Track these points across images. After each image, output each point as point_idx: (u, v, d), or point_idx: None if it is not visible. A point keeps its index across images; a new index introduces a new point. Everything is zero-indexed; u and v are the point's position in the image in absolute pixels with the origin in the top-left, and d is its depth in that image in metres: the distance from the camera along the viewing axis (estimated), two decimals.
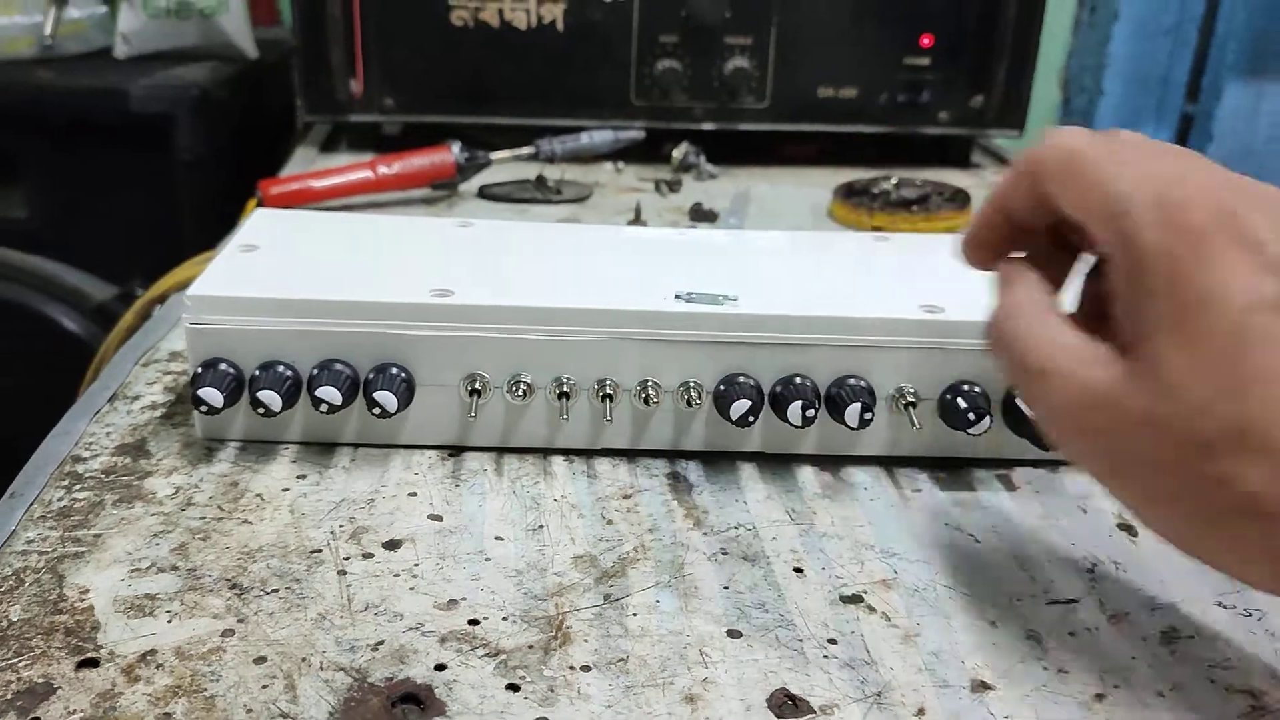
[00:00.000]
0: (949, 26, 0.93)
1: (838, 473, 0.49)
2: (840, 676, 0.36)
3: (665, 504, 0.46)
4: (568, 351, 0.47)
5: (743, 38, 0.91)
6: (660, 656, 0.37)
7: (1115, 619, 0.40)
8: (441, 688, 0.35)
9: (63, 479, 0.45)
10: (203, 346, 0.46)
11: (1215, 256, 0.29)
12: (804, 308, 0.48)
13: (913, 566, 0.43)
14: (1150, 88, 1.54)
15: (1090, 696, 0.36)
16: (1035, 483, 0.49)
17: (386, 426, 0.48)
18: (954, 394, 0.48)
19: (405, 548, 0.42)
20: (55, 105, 1.03)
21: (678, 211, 0.85)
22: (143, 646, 0.36)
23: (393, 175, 0.80)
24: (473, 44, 0.90)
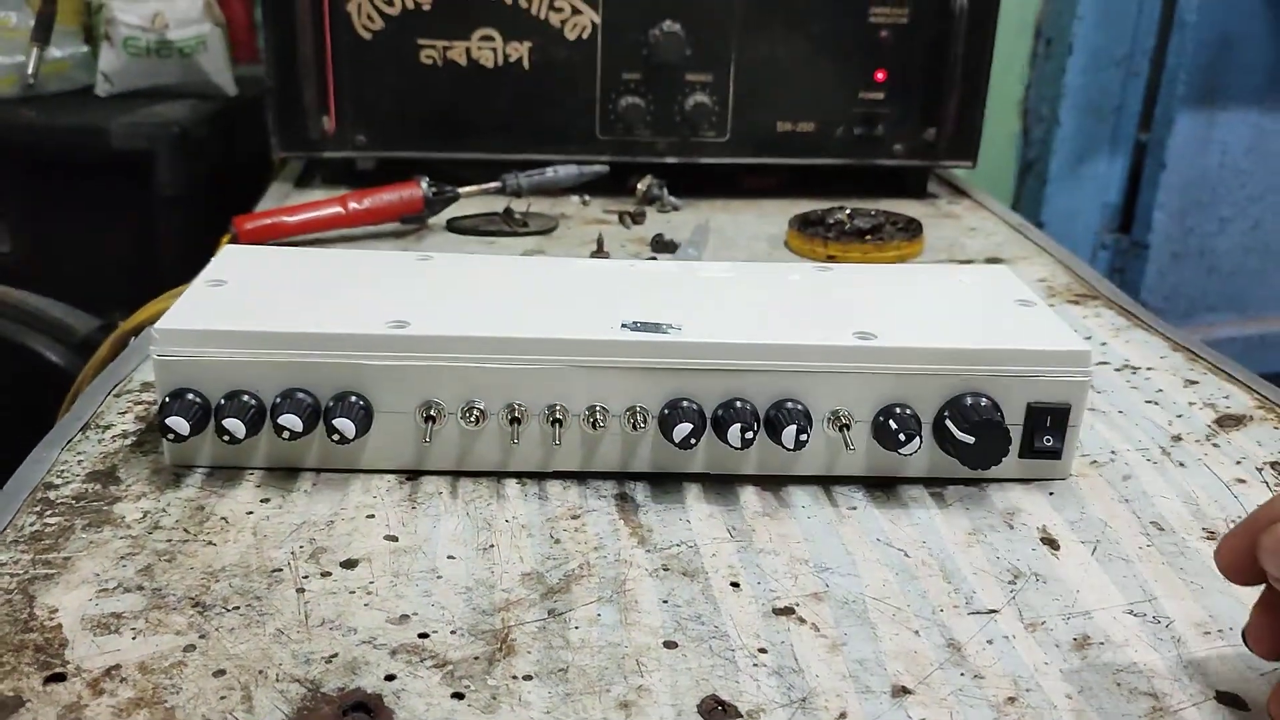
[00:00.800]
0: (902, 62, 0.96)
1: (778, 492, 0.51)
2: (768, 683, 0.39)
3: (612, 523, 0.48)
4: (519, 379, 0.49)
5: (703, 75, 0.94)
6: (598, 666, 0.39)
7: (1031, 627, 0.42)
8: (390, 697, 0.37)
9: (35, 505, 0.47)
10: (170, 377, 0.49)
11: None
12: (744, 335, 0.50)
13: (844, 580, 0.45)
14: (1105, 117, 1.58)
15: (1003, 699, 0.38)
16: (966, 500, 0.51)
17: (346, 452, 0.50)
18: (886, 416, 0.50)
19: (362, 566, 0.44)
20: (38, 142, 1.05)
21: (640, 243, 0.87)
22: (108, 662, 0.38)
23: (363, 210, 0.83)
24: (442, 82, 0.93)
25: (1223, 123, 1.59)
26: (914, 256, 0.85)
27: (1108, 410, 0.61)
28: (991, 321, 0.54)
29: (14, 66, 1.11)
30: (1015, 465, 0.52)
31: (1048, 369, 0.51)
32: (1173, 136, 1.57)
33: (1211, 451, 0.56)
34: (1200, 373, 0.66)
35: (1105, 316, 0.75)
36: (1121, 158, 1.62)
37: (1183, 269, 1.67)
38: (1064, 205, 1.62)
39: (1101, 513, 0.50)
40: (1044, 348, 0.51)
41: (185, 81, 1.16)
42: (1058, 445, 0.52)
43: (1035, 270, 0.85)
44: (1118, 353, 0.69)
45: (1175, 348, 0.70)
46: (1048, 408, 0.51)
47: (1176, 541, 0.48)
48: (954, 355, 0.50)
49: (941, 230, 0.95)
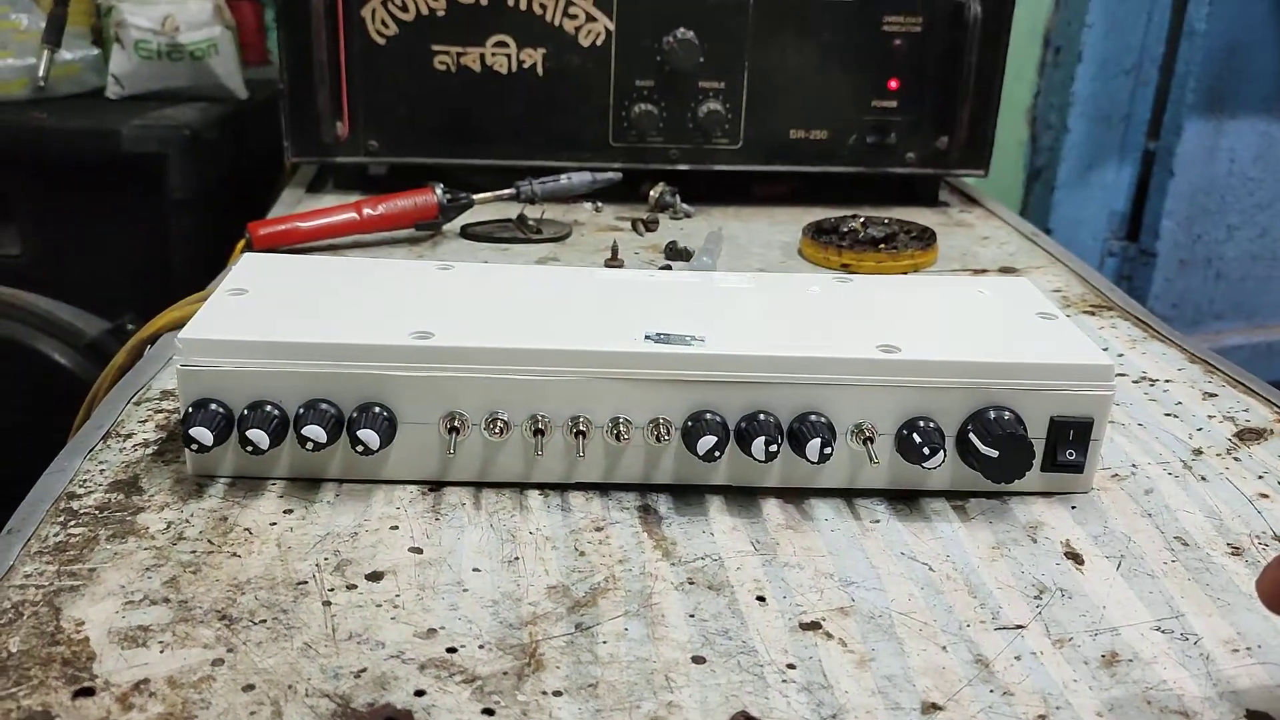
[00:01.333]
0: (915, 71, 0.96)
1: (801, 505, 0.51)
2: (798, 700, 0.39)
3: (635, 536, 0.48)
4: (543, 390, 0.49)
5: (716, 82, 0.94)
6: (628, 681, 0.39)
7: (1059, 643, 0.42)
8: (421, 713, 0.37)
9: (58, 515, 0.47)
10: (194, 387, 0.48)
11: None
12: (767, 348, 0.50)
13: (869, 594, 0.45)
14: (1113, 125, 1.58)
15: (1034, 717, 0.38)
16: (988, 513, 0.51)
17: (369, 463, 0.50)
18: (910, 429, 0.50)
19: (387, 579, 0.44)
20: (49, 145, 1.05)
21: (654, 249, 0.87)
22: (136, 676, 0.38)
23: (377, 216, 0.83)
24: (455, 88, 0.93)
25: (1231, 131, 1.59)
26: (928, 266, 0.85)
27: (1127, 423, 0.61)
28: (1014, 334, 0.54)
29: (25, 69, 1.11)
30: (1037, 479, 0.52)
31: (1071, 382, 0.51)
32: (1181, 144, 1.57)
33: (1233, 465, 0.56)
34: (1218, 385, 0.66)
35: (1121, 328, 0.75)
36: (1130, 165, 1.62)
37: (1190, 277, 1.67)
38: (1072, 213, 1.62)
39: (1125, 527, 0.50)
40: (1067, 361, 0.51)
41: (196, 84, 1.16)
42: (1080, 459, 0.52)
43: (1049, 280, 0.85)
44: (1135, 365, 0.69)
45: (1192, 359, 0.70)
46: (1070, 421, 0.51)
47: (1201, 557, 0.48)
48: (978, 369, 0.50)
49: (954, 239, 0.95)
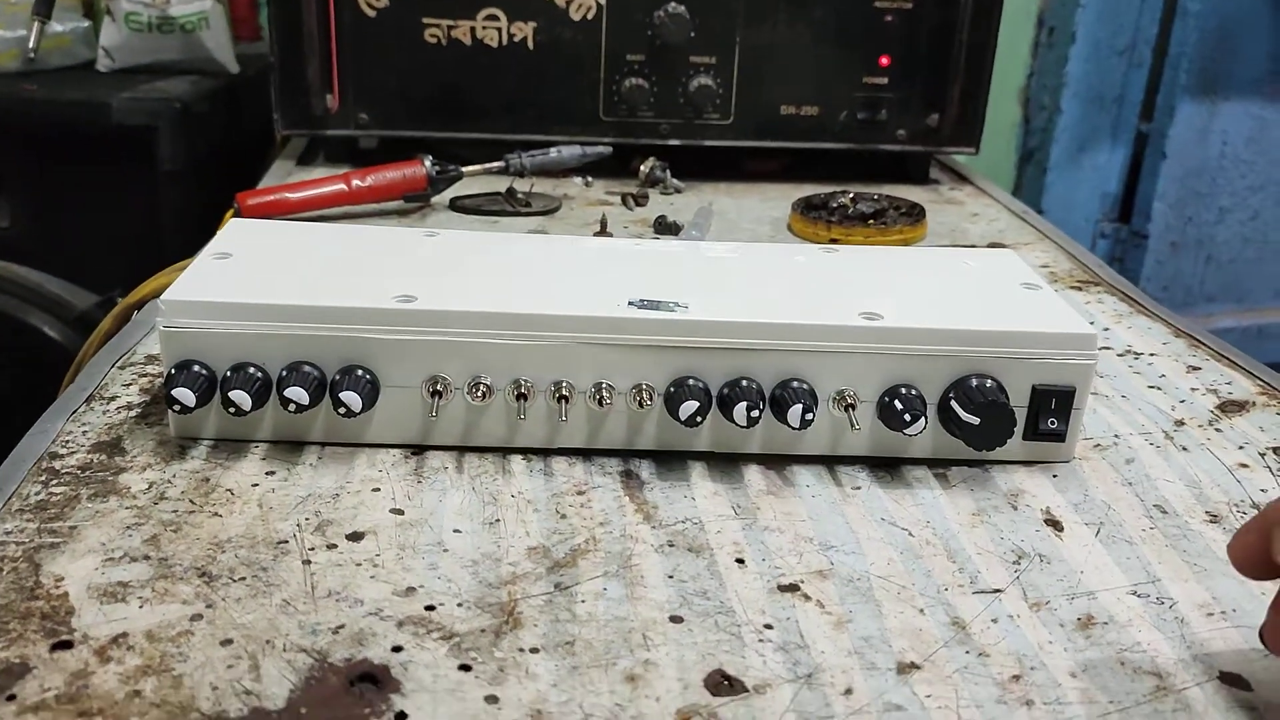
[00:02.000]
0: (906, 48, 0.96)
1: (782, 471, 0.51)
2: (774, 659, 0.39)
3: (617, 499, 0.48)
4: (526, 355, 0.49)
5: (707, 57, 0.94)
6: (605, 640, 0.39)
7: (1035, 607, 0.43)
8: (398, 668, 0.37)
9: (40, 474, 0.47)
10: (176, 348, 0.48)
11: None
12: (750, 314, 0.50)
13: (849, 558, 0.45)
14: (1106, 106, 1.58)
15: (1008, 677, 0.39)
16: (969, 481, 0.51)
17: (352, 426, 0.50)
18: (891, 396, 0.50)
19: (367, 539, 0.44)
20: (39, 117, 1.05)
21: (643, 224, 0.87)
22: (115, 630, 0.38)
23: (366, 188, 0.82)
24: (446, 61, 0.93)
25: (1224, 113, 1.59)
26: (917, 241, 0.86)
27: (1110, 395, 0.61)
28: (997, 304, 0.54)
29: (14, 41, 1.10)
30: (1019, 447, 0.52)
31: (1053, 351, 0.51)
32: (1174, 126, 1.57)
33: (1214, 436, 0.57)
34: (1202, 359, 0.66)
35: (1107, 303, 0.75)
36: (1122, 147, 1.62)
37: (1181, 259, 1.67)
38: (1063, 194, 1.62)
39: (1105, 495, 0.51)
40: (1050, 330, 0.51)
41: (187, 58, 1.15)
42: (1062, 428, 0.52)
43: (1037, 256, 0.85)
44: (1120, 338, 0.69)
45: (1177, 334, 0.70)
46: (1053, 390, 0.51)
47: (1180, 524, 0.48)
48: (960, 336, 0.50)
49: (943, 216, 0.95)
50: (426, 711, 0.35)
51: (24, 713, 0.34)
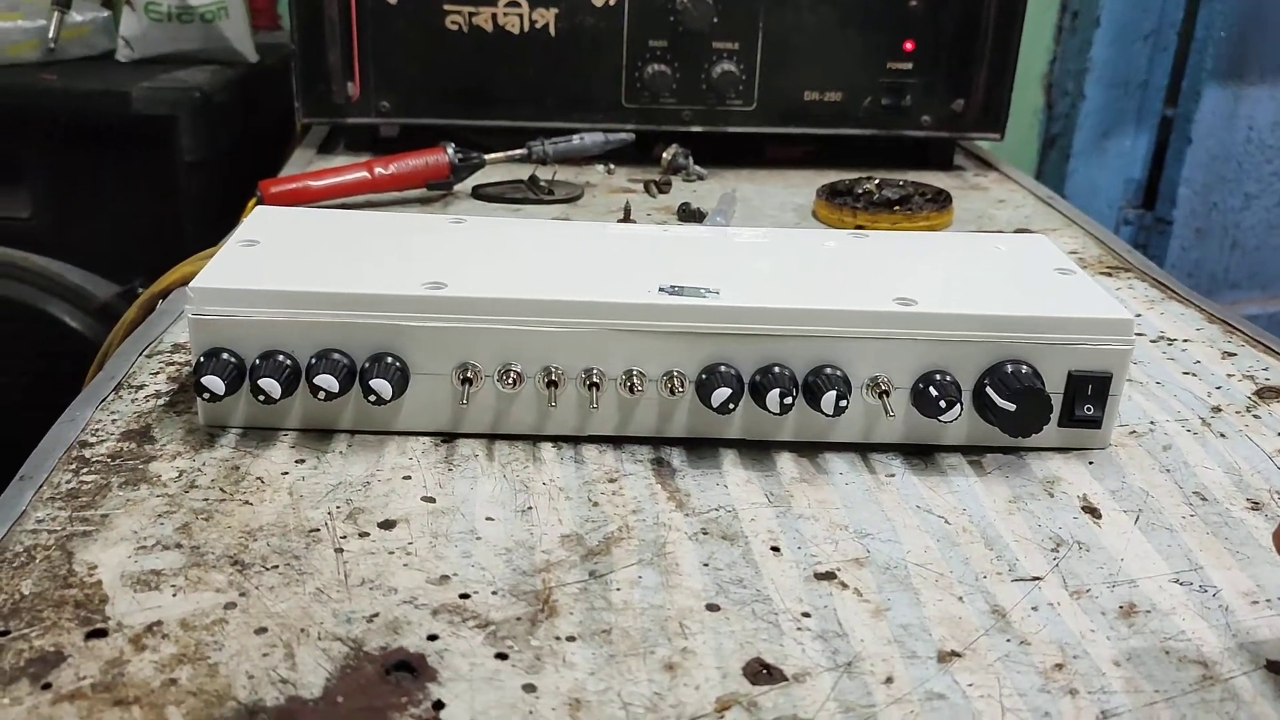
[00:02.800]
0: (930, 33, 0.95)
1: (815, 458, 0.51)
2: (813, 647, 0.38)
3: (649, 487, 0.48)
4: (557, 342, 0.49)
5: (730, 43, 0.93)
6: (641, 628, 0.39)
7: (1076, 595, 0.42)
8: (434, 656, 0.37)
9: (70, 463, 0.47)
10: (205, 336, 0.48)
11: None
12: (783, 300, 0.50)
13: (884, 546, 0.45)
14: (1130, 92, 1.56)
15: (1050, 666, 0.38)
16: (1005, 468, 0.51)
17: (382, 413, 0.50)
18: (926, 383, 0.50)
19: (400, 527, 0.44)
20: (59, 108, 1.05)
21: (666, 211, 0.87)
22: (149, 618, 0.38)
23: (389, 176, 0.82)
24: (467, 48, 0.92)
25: (1250, 98, 1.57)
26: (943, 227, 0.85)
27: (1145, 381, 0.60)
28: (1032, 289, 0.54)
29: (35, 31, 1.10)
30: (1054, 434, 0.52)
31: (1090, 337, 0.50)
32: (1199, 111, 1.55)
33: (1252, 423, 0.56)
34: (1238, 345, 0.65)
35: (1138, 289, 0.75)
36: (1146, 133, 1.60)
37: (1206, 245, 1.65)
38: (1087, 180, 1.60)
39: (1143, 482, 0.50)
40: (1086, 315, 0.51)
41: (206, 47, 1.15)
42: (1098, 414, 0.51)
43: (1065, 242, 0.84)
44: (1153, 324, 0.68)
45: (1211, 319, 0.69)
46: (1089, 376, 0.51)
47: (1220, 512, 0.48)
48: (995, 322, 0.50)
49: (969, 202, 0.94)
50: (464, 700, 0.35)
51: (60, 701, 0.34)
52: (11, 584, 0.39)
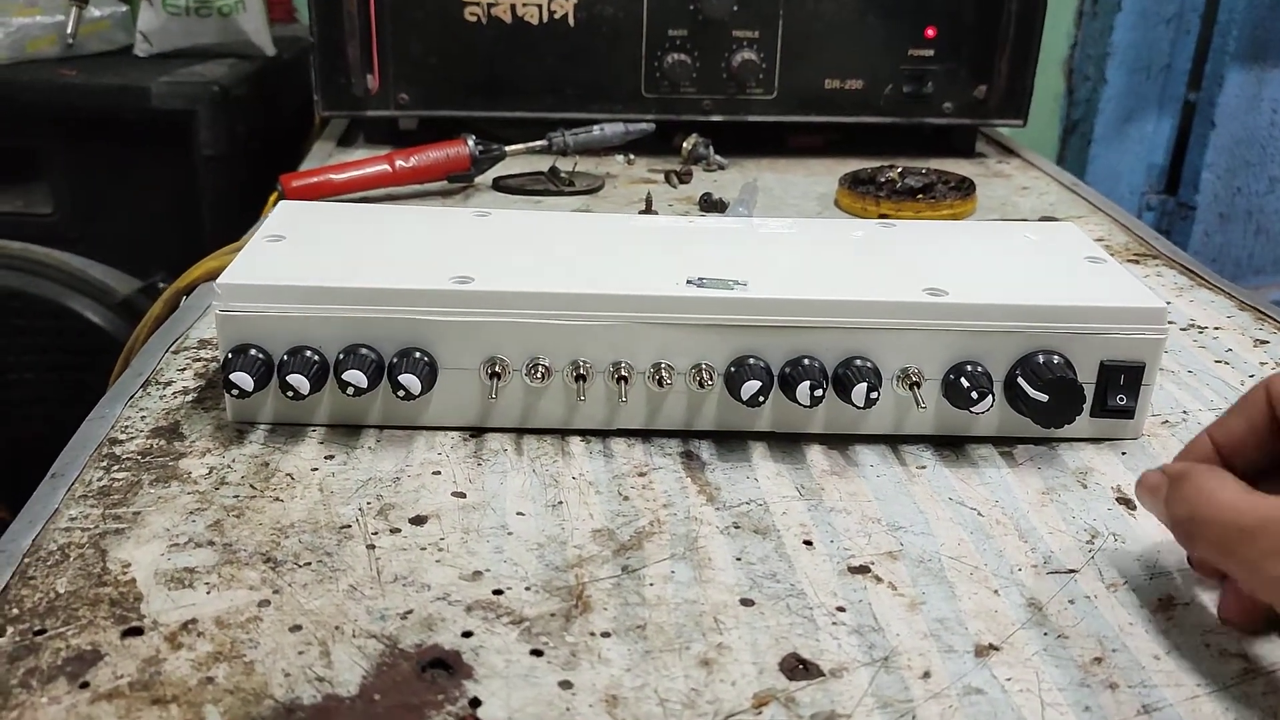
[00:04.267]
0: (952, 18, 0.94)
1: (845, 451, 0.51)
2: (849, 642, 0.38)
3: (679, 481, 0.48)
4: (584, 335, 0.49)
5: (750, 31, 0.93)
6: (676, 623, 0.39)
7: (1113, 587, 0.42)
8: (469, 653, 0.37)
9: (101, 460, 0.47)
10: (233, 332, 0.48)
11: None
12: (812, 292, 0.49)
13: (918, 539, 0.44)
14: (1153, 76, 1.55)
15: (1089, 660, 0.38)
16: (1037, 459, 0.50)
17: (410, 408, 0.50)
18: (957, 374, 0.49)
19: (431, 523, 0.44)
20: (78, 103, 1.05)
21: (688, 201, 0.86)
22: (184, 616, 0.38)
23: (410, 168, 0.82)
24: (486, 39, 0.92)
25: (1274, 80, 1.55)
26: (967, 215, 0.84)
27: (1176, 370, 0.60)
28: (1063, 278, 0.53)
29: (53, 26, 1.11)
30: (1087, 424, 0.51)
31: (1122, 326, 0.50)
32: (1222, 95, 1.53)
33: None
34: (1270, 332, 0.65)
35: (1167, 276, 0.74)
36: (1169, 117, 1.59)
37: (1230, 230, 1.64)
38: (1109, 166, 1.59)
39: None
40: (1118, 304, 0.50)
41: (224, 41, 1.15)
42: (1131, 404, 0.51)
43: (1091, 229, 0.83)
44: (1183, 312, 0.68)
45: (1242, 307, 0.68)
46: (1121, 366, 0.50)
47: None
48: (1027, 312, 0.49)
49: (992, 189, 0.93)
50: (501, 697, 0.35)
51: (98, 700, 0.34)
52: (47, 583, 0.39)
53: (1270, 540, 0.34)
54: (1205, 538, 0.37)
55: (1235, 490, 0.36)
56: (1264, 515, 0.35)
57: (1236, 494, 0.36)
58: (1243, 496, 0.36)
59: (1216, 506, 0.36)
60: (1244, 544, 0.35)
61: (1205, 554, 0.38)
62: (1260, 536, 0.34)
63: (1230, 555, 0.36)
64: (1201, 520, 0.37)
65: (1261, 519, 0.34)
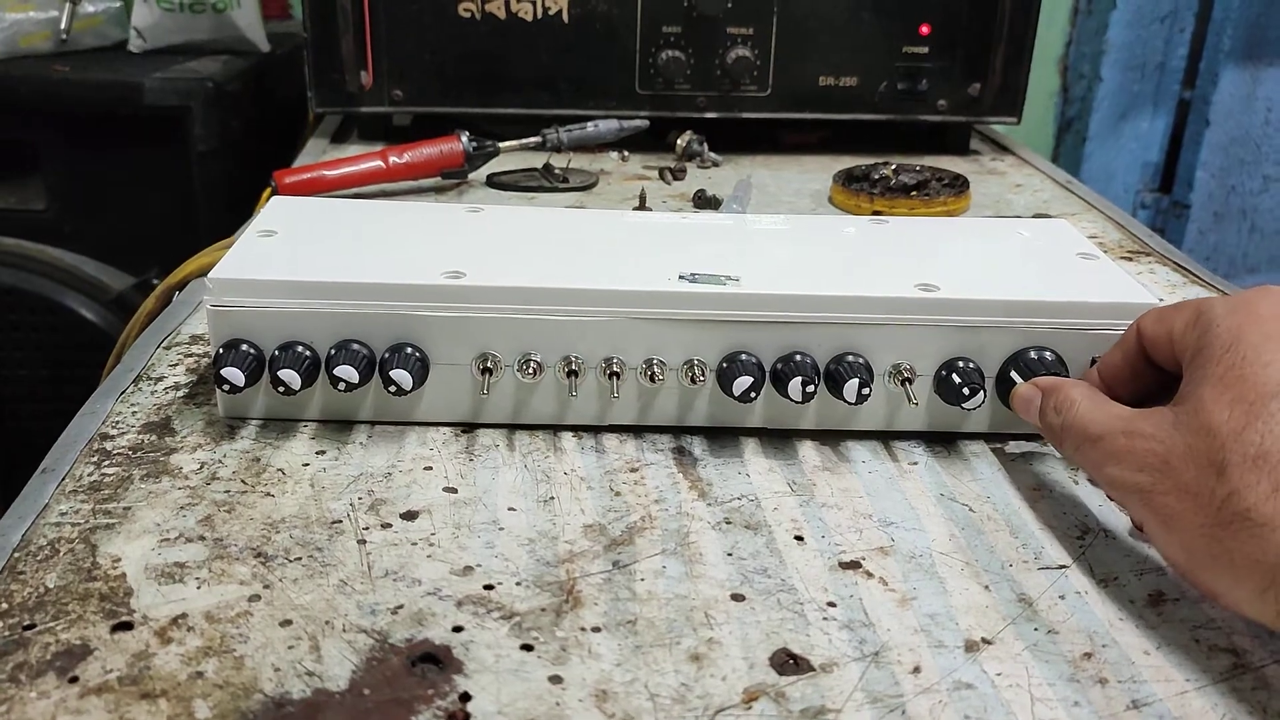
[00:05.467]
0: (947, 15, 0.94)
1: (837, 447, 0.51)
2: (840, 637, 0.38)
3: (671, 476, 0.48)
4: (576, 331, 0.49)
5: (744, 28, 0.93)
6: (667, 618, 0.39)
7: (1104, 583, 0.42)
8: (459, 648, 0.37)
9: (92, 455, 0.47)
10: (224, 327, 0.48)
11: (1272, 340, 0.37)
12: (804, 287, 0.49)
13: (909, 535, 0.44)
14: (1148, 74, 1.55)
15: (1079, 655, 0.38)
16: (1028, 455, 0.50)
17: (402, 404, 0.50)
18: (949, 370, 0.49)
19: (422, 518, 0.44)
20: (72, 98, 1.05)
21: (682, 198, 0.86)
22: (174, 611, 0.38)
23: (403, 164, 0.82)
24: (480, 35, 0.92)
25: (1269, 79, 1.55)
26: (960, 212, 0.84)
27: None
28: (1054, 274, 0.53)
29: (47, 21, 1.10)
30: None
31: (1115, 322, 0.50)
32: (1217, 93, 1.53)
33: None
34: None
35: (1159, 273, 0.74)
36: (1164, 115, 1.59)
37: (1224, 229, 1.64)
38: (1103, 164, 1.59)
39: None
40: (1109, 300, 0.50)
41: (218, 37, 1.15)
42: None
43: (1084, 226, 0.83)
44: None
45: None
46: None
47: None
48: (1018, 308, 0.49)
49: (986, 187, 0.93)
50: (490, 692, 0.35)
51: (87, 694, 0.34)
52: (36, 577, 0.39)
53: (1109, 445, 0.40)
54: (1067, 442, 0.43)
55: (1091, 401, 0.42)
56: (1106, 425, 0.40)
57: (1091, 404, 0.42)
58: (1096, 406, 0.42)
59: (1074, 414, 0.42)
60: (1091, 448, 0.41)
61: (1068, 457, 0.44)
62: (1103, 442, 0.40)
63: (1085, 458, 0.42)
64: (1064, 426, 0.43)
65: (1105, 428, 0.40)
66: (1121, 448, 0.39)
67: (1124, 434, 0.39)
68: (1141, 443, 0.38)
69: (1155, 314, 0.44)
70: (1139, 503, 0.38)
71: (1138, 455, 0.38)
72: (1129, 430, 0.39)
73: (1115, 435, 0.40)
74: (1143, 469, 0.38)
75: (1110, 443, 0.40)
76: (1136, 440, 0.39)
